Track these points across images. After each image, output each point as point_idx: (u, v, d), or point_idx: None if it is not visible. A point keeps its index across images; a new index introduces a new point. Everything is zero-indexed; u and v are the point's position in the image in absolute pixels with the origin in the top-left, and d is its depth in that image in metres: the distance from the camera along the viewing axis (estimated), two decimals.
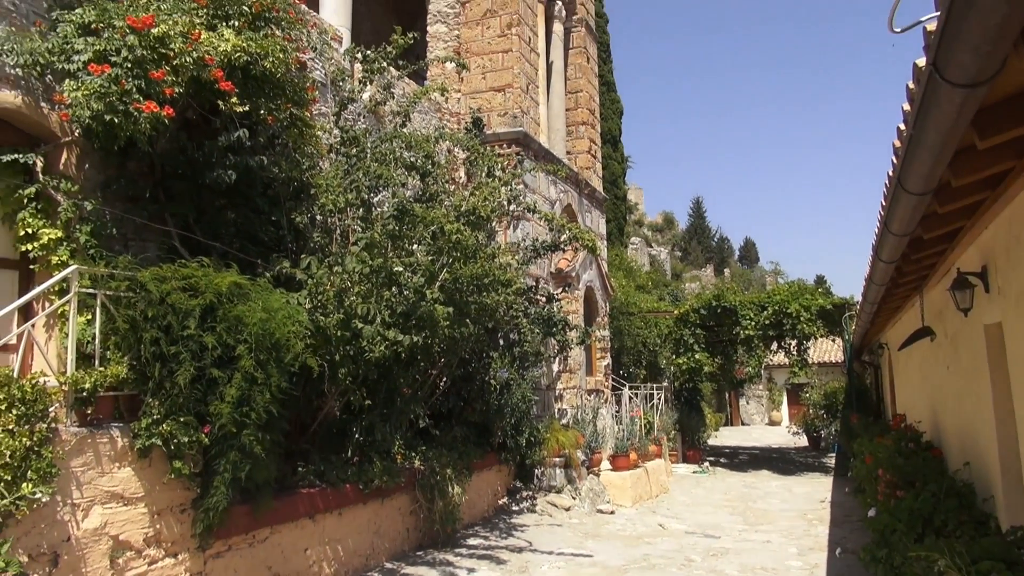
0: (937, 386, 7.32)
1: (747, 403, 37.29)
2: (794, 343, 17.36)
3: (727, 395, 34.00)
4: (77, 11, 5.44)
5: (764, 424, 36.00)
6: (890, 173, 3.87)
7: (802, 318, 16.37)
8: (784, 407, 34.93)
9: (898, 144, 3.44)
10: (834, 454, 18.46)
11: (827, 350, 29.48)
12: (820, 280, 41.34)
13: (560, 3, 14.59)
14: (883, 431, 9.60)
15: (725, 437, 27.35)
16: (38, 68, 5.25)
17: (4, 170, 5.43)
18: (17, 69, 5.24)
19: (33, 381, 4.42)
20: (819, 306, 16.51)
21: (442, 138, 8.49)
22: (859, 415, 14.53)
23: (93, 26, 5.35)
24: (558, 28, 14.65)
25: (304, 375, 5.94)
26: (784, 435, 26.39)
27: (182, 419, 4.97)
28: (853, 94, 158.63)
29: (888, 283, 6.38)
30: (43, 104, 5.46)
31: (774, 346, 18.20)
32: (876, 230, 5.12)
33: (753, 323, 16.84)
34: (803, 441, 23.73)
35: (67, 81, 5.22)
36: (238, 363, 5.11)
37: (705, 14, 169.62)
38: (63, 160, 5.62)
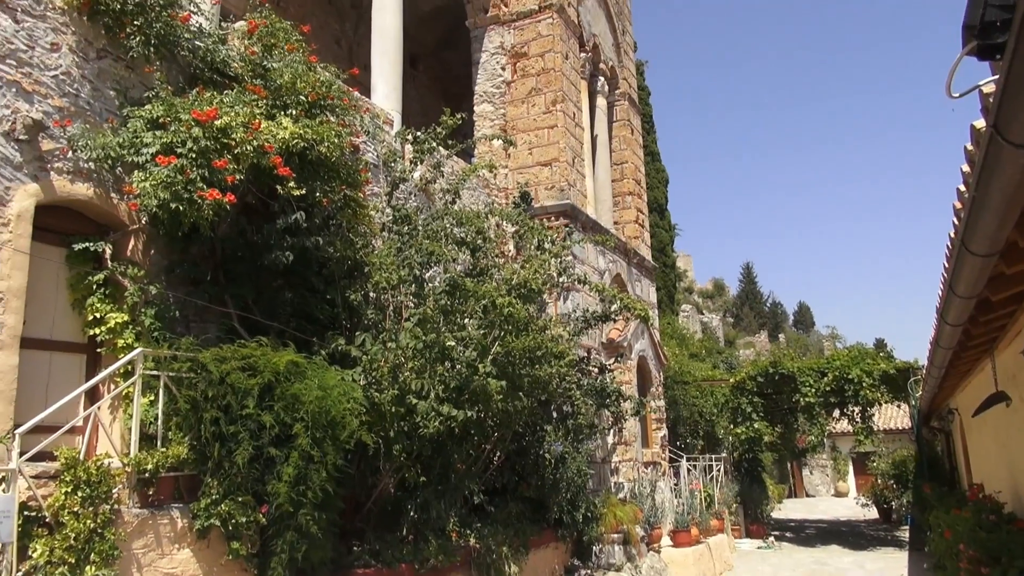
0: (1017, 454, 6.94)
1: (811, 473, 35.91)
2: (857, 410, 16.76)
3: (789, 465, 32.83)
4: (146, 107, 5.75)
5: (830, 495, 34.53)
6: (952, 234, 3.78)
7: (864, 384, 15.85)
8: (850, 477, 33.55)
9: (959, 205, 3.37)
10: (907, 527, 17.56)
11: (892, 416, 28.40)
12: (880, 344, 40.15)
13: (603, 79, 14.91)
14: (960, 502, 9.12)
15: (789, 509, 26.27)
16: (109, 161, 5.52)
17: (76, 258, 5.69)
18: (90, 163, 5.53)
19: (98, 463, 4.51)
20: (882, 371, 15.98)
21: (491, 214, 8.62)
22: (932, 485, 13.86)
23: (161, 120, 5.63)
24: (601, 102, 14.95)
25: (359, 452, 5.93)
26: (852, 507, 25.24)
27: (240, 499, 4.99)
28: (908, 154, 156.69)
29: (955, 346, 6.16)
30: (113, 195, 5.74)
31: (836, 413, 17.60)
32: (940, 292, 4.98)
33: (813, 390, 16.36)
34: (873, 513, 22.65)
35: (136, 172, 5.47)
36: (295, 441, 5.14)
37: (749, 80, 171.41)
38: (130, 247, 5.86)
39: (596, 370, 9.92)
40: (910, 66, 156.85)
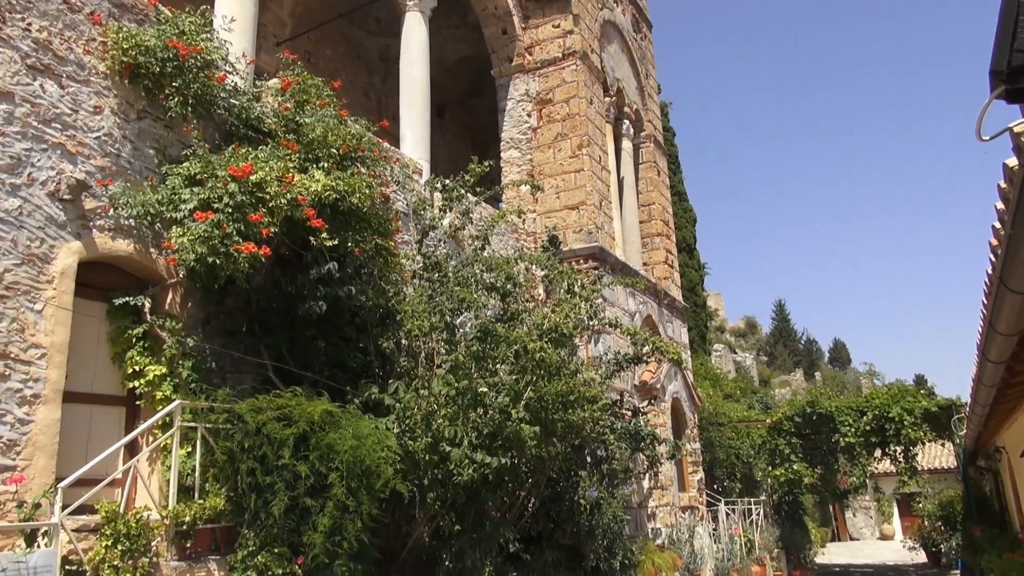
0: None
1: (854, 516, 34.90)
2: (900, 449, 16.33)
3: (831, 507, 31.97)
4: (184, 164, 5.93)
5: (875, 538, 33.49)
6: (989, 271, 3.73)
7: (906, 422, 15.48)
8: (895, 519, 32.55)
9: (995, 242, 3.33)
10: (958, 571, 16.93)
11: (937, 455, 27.61)
12: (920, 380, 39.28)
13: (628, 122, 15.06)
14: (1012, 545, 8.80)
15: (833, 554, 25.50)
16: (149, 218, 5.68)
17: (116, 312, 5.82)
18: (131, 220, 5.69)
19: (137, 516, 4.55)
20: (923, 408, 15.61)
21: (521, 259, 8.67)
22: (981, 527, 13.39)
23: (198, 177, 5.79)
24: (627, 145, 15.07)
25: (393, 501, 5.91)
26: (899, 550, 24.43)
27: (276, 550, 4.99)
28: (943, 186, 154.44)
29: (999, 383, 6.02)
30: (152, 250, 5.89)
31: (878, 453, 17.17)
32: (980, 329, 4.89)
33: (853, 429, 16.01)
34: (921, 556, 21.90)
35: (174, 228, 5.62)
36: (330, 491, 5.14)
37: (776, 116, 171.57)
38: (168, 300, 5.98)
39: (629, 413, 9.82)
40: (944, 95, 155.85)
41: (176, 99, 6.05)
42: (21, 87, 5.18)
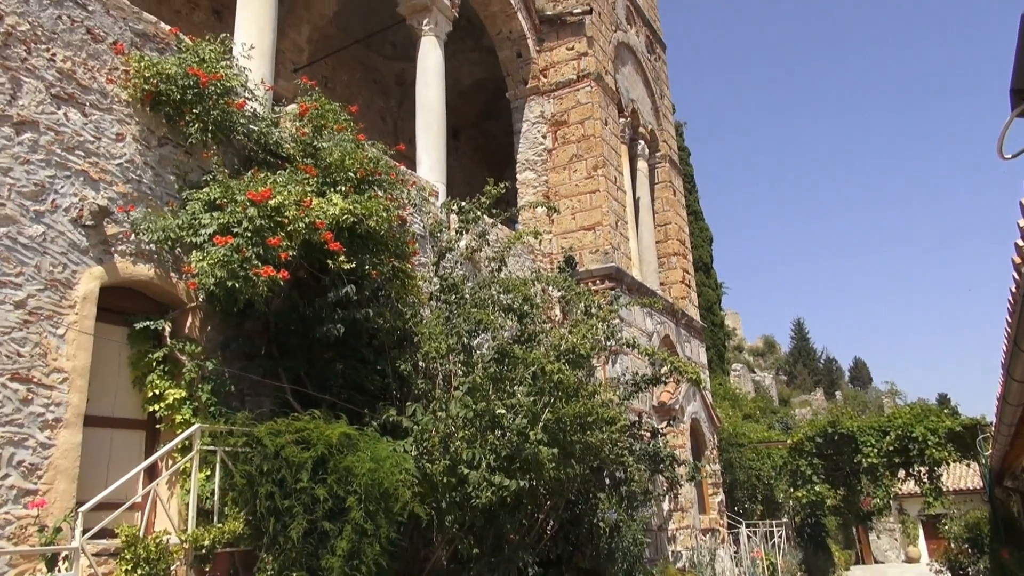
0: None
1: (878, 538, 34.26)
2: (924, 470, 16.08)
3: (854, 530, 31.39)
4: (204, 190, 6.00)
5: (900, 561, 32.82)
6: (1013, 289, 3.68)
7: (930, 442, 15.26)
8: (921, 541, 31.95)
9: (1018, 260, 3.29)
10: None
11: (962, 476, 27.13)
12: (943, 399, 38.72)
13: (643, 142, 15.09)
14: None
15: None
16: (169, 243, 5.74)
17: (136, 336, 5.86)
18: (151, 245, 5.76)
19: (157, 540, 4.56)
20: (947, 428, 15.38)
21: (537, 280, 8.67)
22: (1009, 548, 13.12)
23: (218, 202, 5.85)
24: (642, 165, 15.09)
25: (411, 524, 5.88)
26: (925, 573, 23.89)
27: (295, 574, 4.97)
28: (963, 204, 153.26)
29: None
30: (172, 274, 5.94)
31: (901, 474, 16.91)
32: (1004, 347, 4.82)
33: (875, 450, 15.81)
34: None
35: (194, 252, 5.67)
36: (348, 515, 5.12)
37: (790, 136, 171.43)
38: (188, 324, 6.03)
39: (648, 434, 9.74)
40: (964, 115, 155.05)
41: (196, 126, 6.13)
42: (46, 116, 5.28)
